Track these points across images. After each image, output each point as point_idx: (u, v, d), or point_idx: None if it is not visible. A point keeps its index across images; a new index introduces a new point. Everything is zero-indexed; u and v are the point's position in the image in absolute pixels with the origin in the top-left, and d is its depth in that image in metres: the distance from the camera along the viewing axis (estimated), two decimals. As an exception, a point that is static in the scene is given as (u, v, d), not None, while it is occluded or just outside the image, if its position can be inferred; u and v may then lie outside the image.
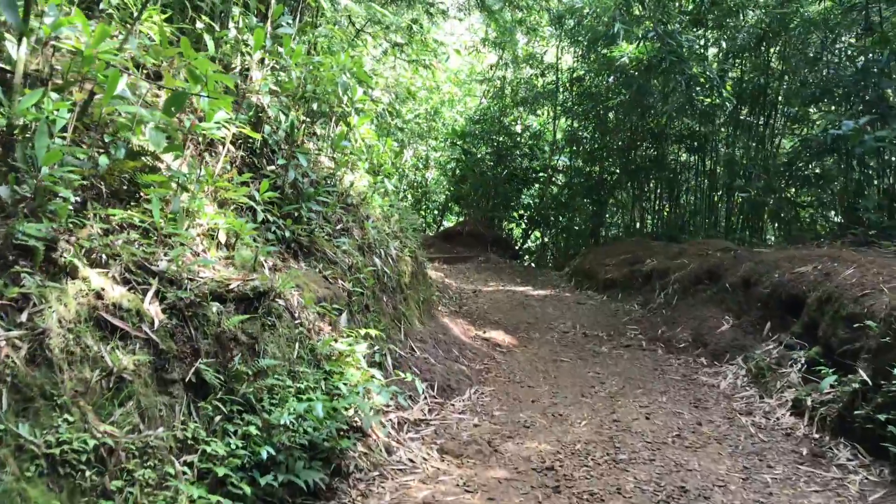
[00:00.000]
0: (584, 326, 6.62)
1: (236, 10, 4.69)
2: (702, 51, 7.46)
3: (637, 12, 7.79)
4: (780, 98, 8.50)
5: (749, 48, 8.02)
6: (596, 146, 11.67)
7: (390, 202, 6.88)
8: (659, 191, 10.19)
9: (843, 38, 6.94)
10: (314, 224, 4.39)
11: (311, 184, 4.56)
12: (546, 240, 13.86)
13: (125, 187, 2.64)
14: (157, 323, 2.36)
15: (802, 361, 4.26)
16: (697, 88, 7.12)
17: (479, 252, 12.71)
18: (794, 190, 7.34)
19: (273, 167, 4.36)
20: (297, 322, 3.31)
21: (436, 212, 17.48)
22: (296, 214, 4.24)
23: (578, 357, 5.58)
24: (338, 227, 4.72)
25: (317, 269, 4.15)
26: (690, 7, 7.67)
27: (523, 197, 14.83)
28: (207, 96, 2.70)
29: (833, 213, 6.91)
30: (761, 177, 7.03)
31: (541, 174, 13.98)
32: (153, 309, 2.39)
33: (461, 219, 16.18)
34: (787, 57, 7.60)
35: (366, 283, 4.38)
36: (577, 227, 11.99)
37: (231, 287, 2.76)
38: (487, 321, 6.51)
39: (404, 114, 17.11)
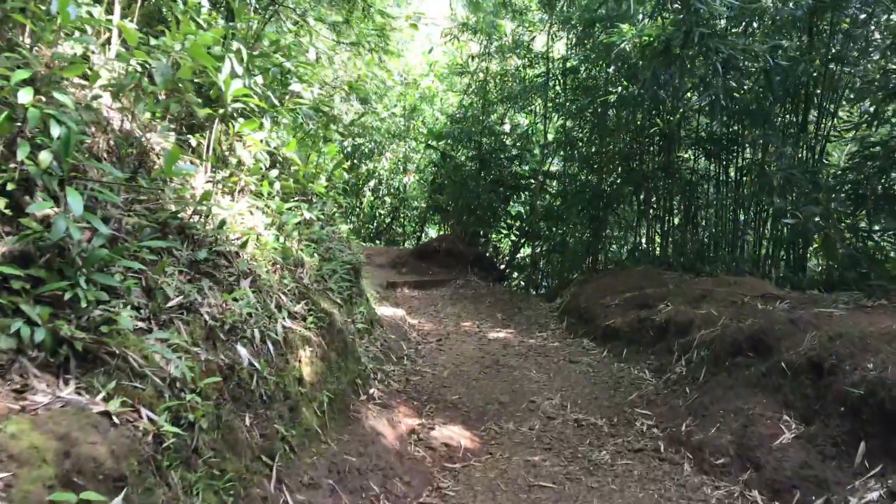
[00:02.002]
0: (578, 407, 4.81)
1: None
2: (734, 23, 5.58)
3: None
4: (819, 91, 6.69)
5: (788, 27, 6.18)
6: (593, 149, 9.83)
7: (312, 235, 5.08)
8: (669, 205, 8.35)
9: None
10: (115, 308, 2.57)
11: (118, 238, 2.75)
12: (537, 252, 12.01)
13: None
14: None
15: (950, 550, 2.45)
16: (738, 74, 5.25)
17: (458, 273, 10.90)
18: (855, 215, 5.53)
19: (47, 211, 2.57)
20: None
21: (415, 221, 15.68)
22: (67, 296, 2.43)
23: (566, 475, 3.76)
24: (171, 304, 2.90)
25: (99, 397, 2.33)
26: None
27: (512, 206, 13.05)
28: None
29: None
30: (814, 197, 5.20)
31: (531, 181, 12.14)
32: None
33: (442, 229, 14.38)
34: (847, 36, 5.77)
35: (194, 416, 2.55)
36: (571, 246, 10.16)
37: None
38: (442, 404, 4.69)
39: (379, 112, 15.34)
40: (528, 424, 4.49)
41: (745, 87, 5.44)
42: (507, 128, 12.75)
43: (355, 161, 15.88)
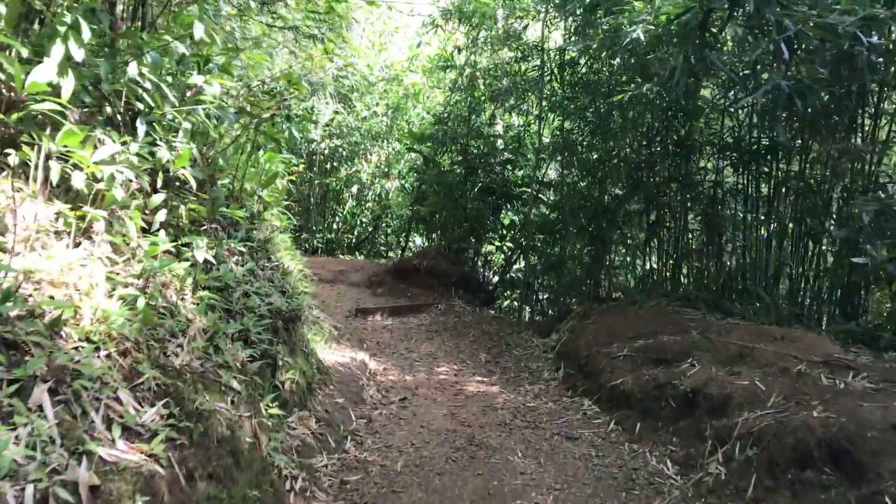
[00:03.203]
0: (576, 523, 3.46)
1: None
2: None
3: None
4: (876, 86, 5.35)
5: None
6: (595, 156, 8.49)
7: (216, 279, 3.77)
8: (684, 224, 7.01)
9: None
10: None
11: None
12: (532, 268, 10.62)
13: None
14: None
15: None
16: (810, 59, 3.89)
17: (440, 295, 9.58)
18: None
19: None
20: None
21: (399, 230, 14.33)
22: None
23: None
24: None
25: None
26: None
27: (505, 214, 11.72)
28: None
29: None
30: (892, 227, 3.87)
31: (524, 189, 10.80)
32: None
33: (429, 241, 13.01)
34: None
35: None
36: (570, 266, 8.81)
37: None
38: (386, 525, 3.35)
39: (359, 110, 14.00)
40: (506, 558, 3.15)
41: (819, 78, 4.04)
42: (498, 129, 11.40)
43: (334, 164, 14.57)
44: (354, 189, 14.59)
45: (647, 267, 7.41)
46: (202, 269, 3.76)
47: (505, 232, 11.46)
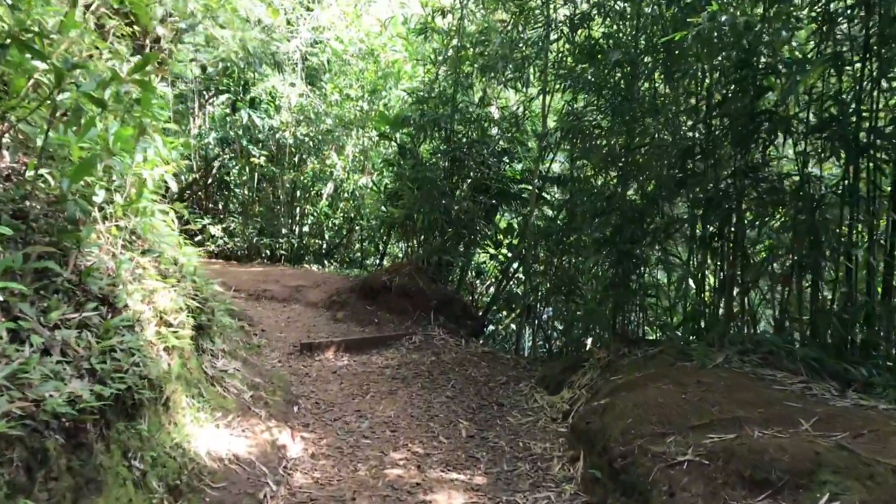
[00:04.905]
0: None
1: None
2: None
3: None
4: None
5: None
6: (617, 141, 6.39)
7: None
8: (756, 235, 4.91)
9: None
10: None
11: None
12: (532, 287, 8.49)
13: None
14: None
15: None
16: None
17: (415, 323, 7.50)
18: None
19: None
20: None
21: (377, 235, 12.20)
22: None
23: None
24: None
25: None
26: None
27: (501, 216, 9.69)
28: None
29: None
30: None
31: (524, 186, 8.74)
32: None
33: (411, 250, 10.90)
34: None
35: None
36: (584, 290, 6.72)
37: None
38: None
39: (328, 92, 11.92)
40: None
41: None
42: (492, 111, 9.29)
43: (302, 156, 12.49)
44: (330, 186, 12.45)
45: (699, 297, 5.26)
46: None
47: (501, 237, 9.40)
